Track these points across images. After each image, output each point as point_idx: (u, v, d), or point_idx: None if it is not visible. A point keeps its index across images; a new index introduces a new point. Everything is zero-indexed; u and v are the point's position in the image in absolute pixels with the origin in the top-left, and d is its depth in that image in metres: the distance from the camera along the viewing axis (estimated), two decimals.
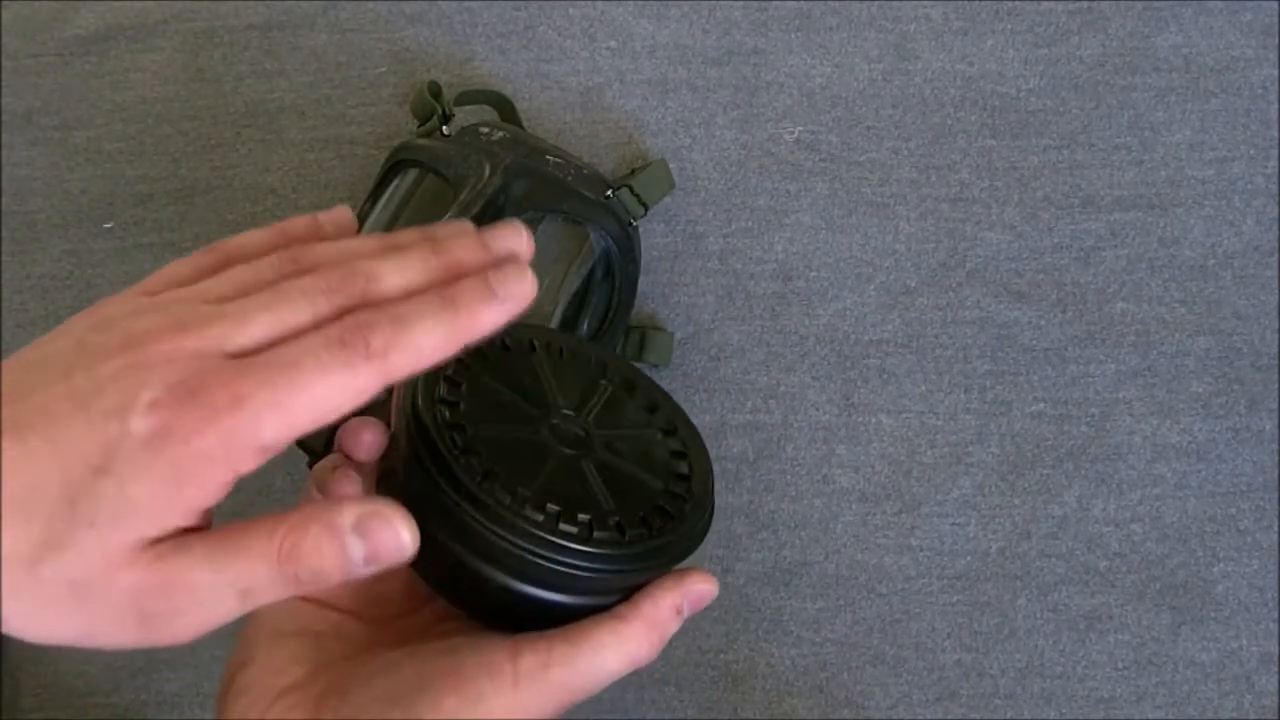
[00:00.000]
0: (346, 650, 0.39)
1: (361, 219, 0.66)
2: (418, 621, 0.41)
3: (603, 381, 0.44)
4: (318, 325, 0.33)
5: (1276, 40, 0.74)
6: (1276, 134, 0.73)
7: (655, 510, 0.40)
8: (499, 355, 0.42)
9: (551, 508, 0.37)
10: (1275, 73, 0.74)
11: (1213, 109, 0.74)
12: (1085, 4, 0.74)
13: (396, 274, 0.34)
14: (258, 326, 0.32)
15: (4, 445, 0.31)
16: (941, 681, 0.70)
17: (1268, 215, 0.73)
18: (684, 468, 0.42)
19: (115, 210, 0.75)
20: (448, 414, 0.38)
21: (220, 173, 0.75)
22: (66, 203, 0.75)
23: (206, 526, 0.33)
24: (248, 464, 0.31)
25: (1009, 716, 0.70)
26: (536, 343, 0.44)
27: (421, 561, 0.36)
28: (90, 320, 0.35)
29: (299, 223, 0.38)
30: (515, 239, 0.36)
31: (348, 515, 0.32)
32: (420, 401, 0.38)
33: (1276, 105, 0.74)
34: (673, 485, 0.41)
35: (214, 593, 0.32)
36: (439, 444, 0.37)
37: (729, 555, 0.71)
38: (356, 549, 0.32)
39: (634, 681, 0.70)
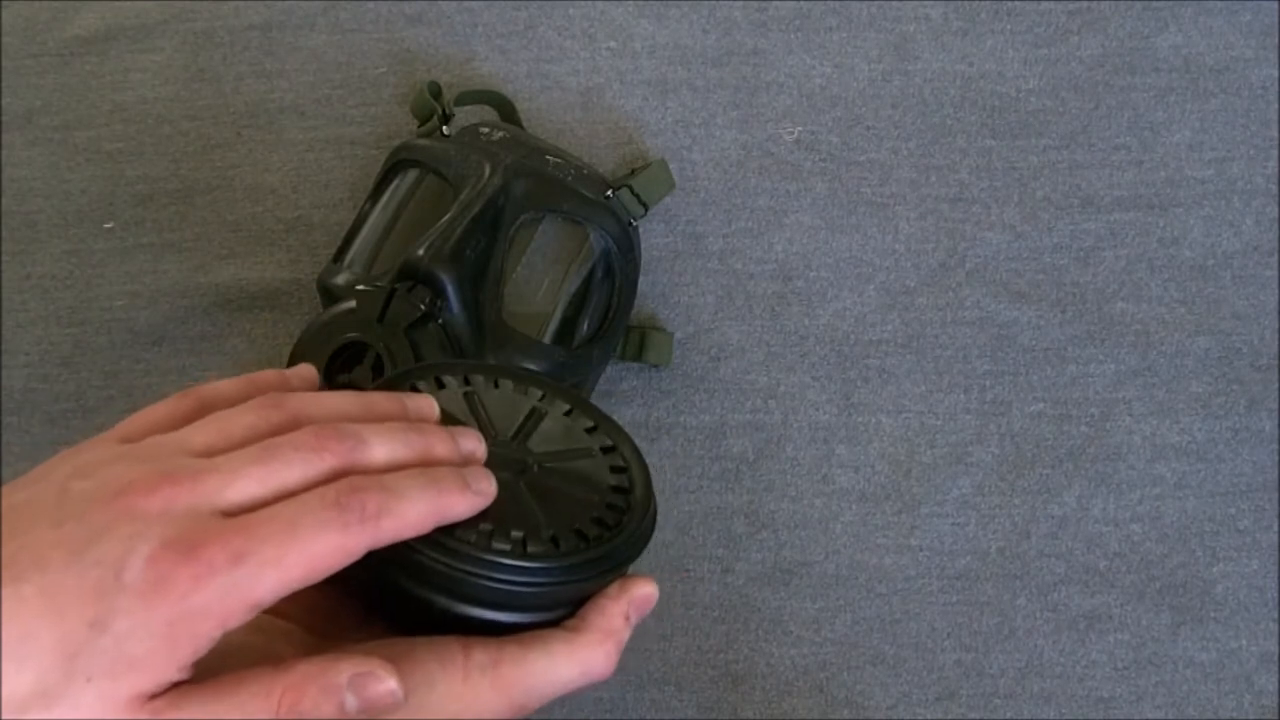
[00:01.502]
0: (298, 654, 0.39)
1: (361, 219, 0.66)
2: (371, 636, 0.41)
3: (539, 406, 0.44)
4: (308, 484, 0.34)
5: (1276, 40, 0.74)
6: (1276, 134, 0.73)
7: (592, 521, 0.40)
8: (432, 390, 0.43)
9: (484, 526, 0.37)
10: (1275, 73, 0.74)
11: (1213, 109, 0.74)
12: (1085, 4, 0.74)
13: (383, 446, 0.36)
14: (250, 482, 0.34)
15: (2, 591, 0.31)
16: (941, 681, 0.70)
17: (1268, 215, 0.73)
18: (623, 481, 0.43)
19: (115, 210, 0.75)
20: None
21: (220, 173, 0.75)
22: (66, 203, 0.75)
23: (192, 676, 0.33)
24: (239, 619, 0.32)
25: (1009, 716, 0.70)
26: (471, 377, 0.44)
27: (365, 591, 0.37)
28: (70, 467, 0.35)
29: (267, 375, 0.40)
30: (474, 443, 0.39)
31: (344, 674, 0.33)
32: None
33: (1276, 105, 0.74)
34: (610, 498, 0.42)
35: None
36: None
37: (729, 555, 0.71)
38: (351, 704, 0.33)
39: (634, 681, 0.70)
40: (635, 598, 0.40)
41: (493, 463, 0.40)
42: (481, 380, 0.44)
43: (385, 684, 0.34)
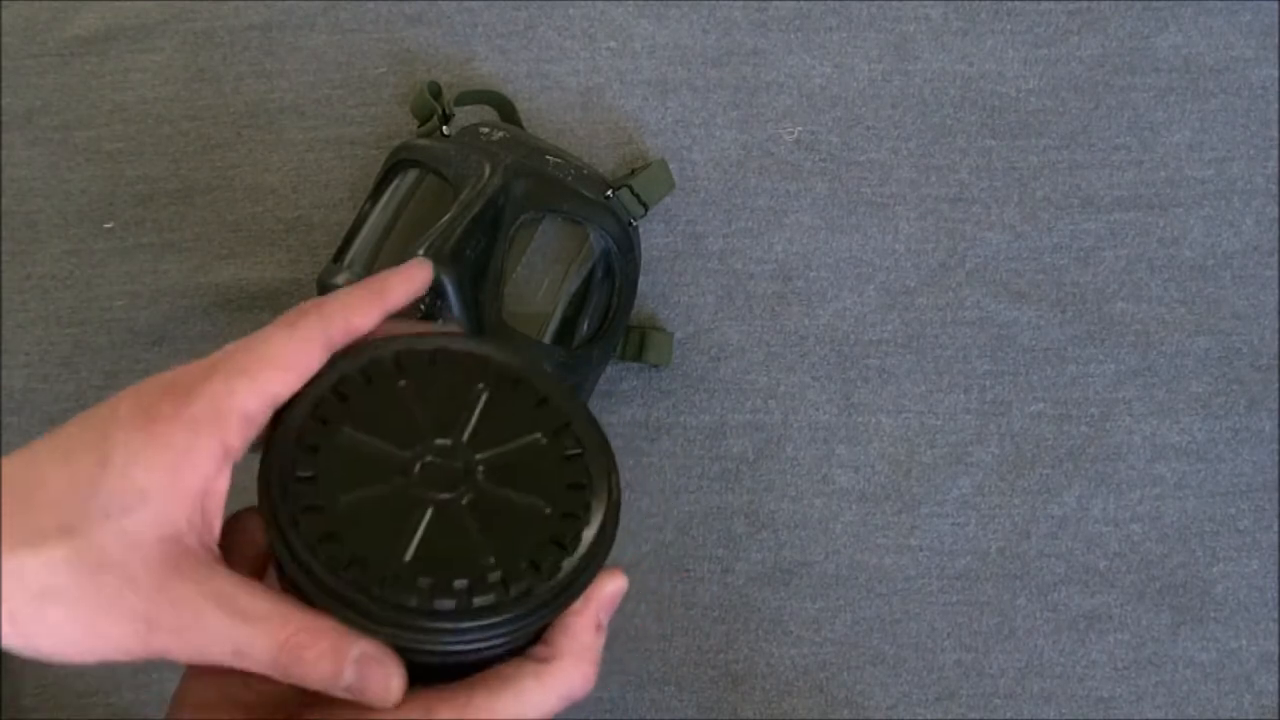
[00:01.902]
0: (274, 715, 0.38)
1: (361, 219, 0.66)
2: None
3: (480, 385, 0.40)
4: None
5: (1276, 40, 0.74)
6: (1276, 134, 0.73)
7: (546, 545, 0.37)
8: (361, 392, 0.38)
9: (423, 582, 0.35)
10: (1275, 73, 0.74)
11: (1213, 109, 0.74)
12: (1085, 4, 0.74)
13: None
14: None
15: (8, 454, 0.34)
16: (941, 681, 0.70)
17: (1267, 215, 0.73)
18: (580, 475, 0.39)
19: (115, 210, 0.75)
20: (305, 495, 0.36)
21: (220, 173, 0.75)
22: (66, 203, 0.75)
23: (219, 558, 0.35)
24: (237, 435, 0.34)
25: (1009, 716, 0.70)
26: (403, 360, 0.40)
27: None
28: None
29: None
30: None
31: (357, 648, 0.34)
32: (276, 496, 0.36)
33: (1276, 105, 0.74)
34: (566, 504, 0.38)
35: (214, 634, 0.33)
36: (295, 544, 0.35)
37: (729, 555, 0.71)
38: (349, 676, 0.34)
39: (634, 681, 0.70)
40: (603, 601, 0.38)
41: (430, 481, 0.37)
42: (415, 360, 0.40)
43: (389, 675, 0.34)
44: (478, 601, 0.35)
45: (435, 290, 0.59)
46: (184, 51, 0.76)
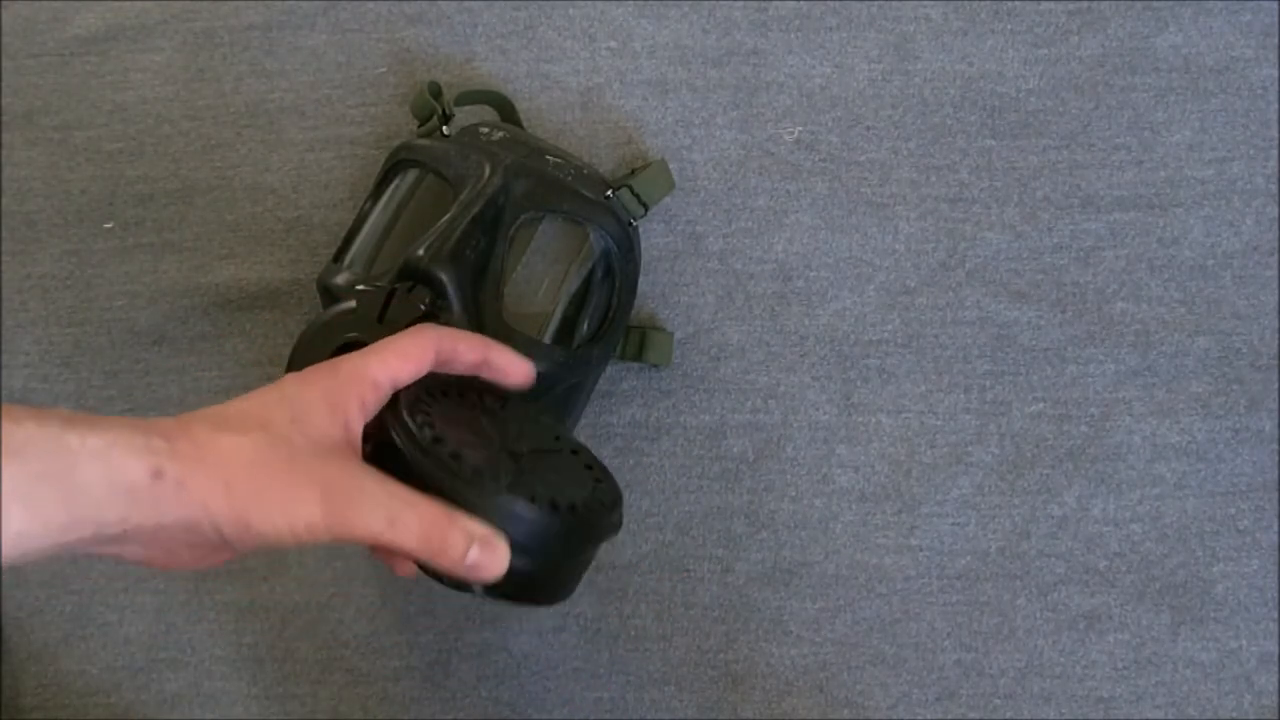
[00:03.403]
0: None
1: (361, 219, 0.66)
2: None
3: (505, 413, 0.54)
4: None
5: (1276, 40, 0.74)
6: (1276, 134, 0.73)
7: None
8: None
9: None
10: (1275, 73, 0.74)
11: (1213, 109, 0.74)
12: (1085, 4, 0.74)
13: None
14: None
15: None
16: (941, 681, 0.70)
17: (1268, 215, 0.73)
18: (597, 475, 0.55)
19: (115, 210, 0.75)
20: (422, 415, 0.51)
21: (220, 173, 0.75)
22: (66, 203, 0.75)
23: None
24: (372, 393, 0.49)
25: (1009, 716, 0.70)
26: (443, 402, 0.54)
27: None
28: None
29: None
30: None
31: (480, 532, 0.47)
32: (405, 409, 0.50)
33: (1276, 105, 0.74)
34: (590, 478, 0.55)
35: (375, 501, 0.46)
36: (417, 435, 0.49)
37: (729, 555, 0.71)
38: (473, 555, 0.46)
39: (634, 681, 0.70)
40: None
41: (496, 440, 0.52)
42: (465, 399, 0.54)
43: (499, 560, 0.47)
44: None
45: (435, 290, 0.59)
46: (184, 51, 0.76)
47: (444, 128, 0.67)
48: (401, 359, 0.50)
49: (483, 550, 0.46)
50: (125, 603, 0.73)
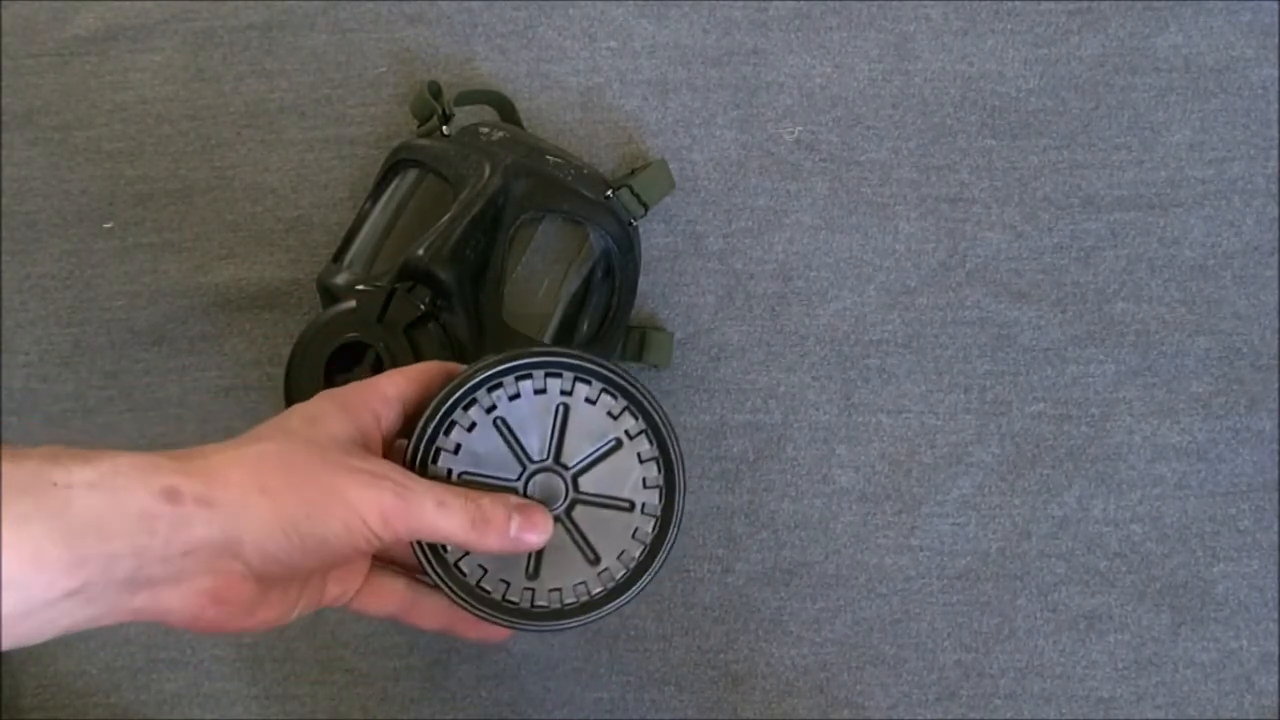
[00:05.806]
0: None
1: (361, 219, 0.66)
2: None
3: (564, 400, 0.50)
4: None
5: (1276, 40, 0.74)
6: (1276, 134, 0.73)
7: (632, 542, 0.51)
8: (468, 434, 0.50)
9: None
10: (1275, 73, 0.74)
11: (1213, 109, 0.74)
12: (1085, 4, 0.74)
13: None
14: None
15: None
16: (941, 681, 0.70)
17: (1268, 215, 0.73)
18: (655, 474, 0.51)
19: (115, 210, 0.75)
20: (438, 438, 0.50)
21: (220, 173, 0.75)
22: (66, 203, 0.75)
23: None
24: (382, 404, 0.48)
25: (1009, 716, 0.70)
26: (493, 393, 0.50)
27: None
28: None
29: None
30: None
31: (515, 500, 0.48)
32: (427, 421, 0.50)
33: (1276, 105, 0.74)
34: (645, 504, 0.51)
35: (425, 491, 0.45)
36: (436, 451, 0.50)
37: (729, 555, 0.71)
38: (515, 525, 0.47)
39: (634, 681, 0.70)
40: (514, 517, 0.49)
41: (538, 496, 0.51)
42: (507, 382, 0.50)
43: (541, 520, 0.48)
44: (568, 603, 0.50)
45: (435, 290, 0.59)
46: (184, 51, 0.76)
47: (444, 128, 0.67)
48: (407, 379, 0.50)
49: (524, 517, 0.47)
50: None
